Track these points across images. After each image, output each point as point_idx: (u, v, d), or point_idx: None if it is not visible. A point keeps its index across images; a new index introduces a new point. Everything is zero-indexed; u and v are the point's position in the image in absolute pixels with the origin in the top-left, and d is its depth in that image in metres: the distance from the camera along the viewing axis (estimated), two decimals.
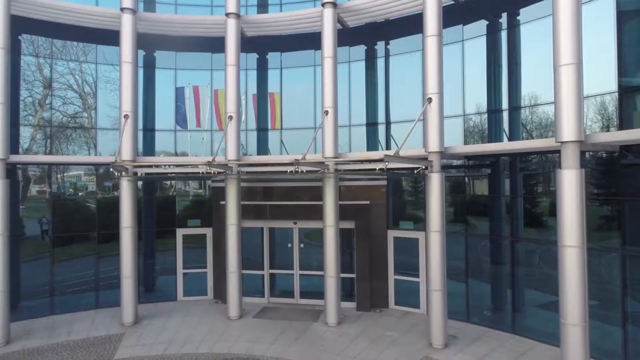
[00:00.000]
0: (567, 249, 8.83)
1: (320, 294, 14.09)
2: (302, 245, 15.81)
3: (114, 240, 14.44)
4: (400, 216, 14.99)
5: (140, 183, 15.76)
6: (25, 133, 15.08)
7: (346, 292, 15.23)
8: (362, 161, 12.49)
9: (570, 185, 8.78)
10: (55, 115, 15.50)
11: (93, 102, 15.96)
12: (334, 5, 13.53)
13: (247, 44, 15.85)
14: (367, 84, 15.90)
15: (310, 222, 15.34)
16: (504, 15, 13.19)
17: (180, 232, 16.46)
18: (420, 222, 14.05)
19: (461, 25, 13.86)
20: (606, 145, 9.64)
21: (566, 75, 8.78)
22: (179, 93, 17.07)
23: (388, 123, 15.21)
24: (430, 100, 11.50)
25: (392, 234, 14.91)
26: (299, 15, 14.54)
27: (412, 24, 14.12)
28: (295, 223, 15.69)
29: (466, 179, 13.83)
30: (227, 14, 14.25)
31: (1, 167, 12.16)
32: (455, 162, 13.87)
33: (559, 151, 9.23)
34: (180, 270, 16.43)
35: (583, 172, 8.84)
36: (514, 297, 12.36)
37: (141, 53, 16.40)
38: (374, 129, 15.50)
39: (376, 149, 15.40)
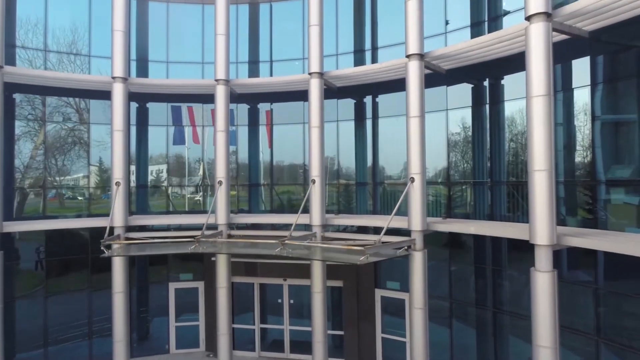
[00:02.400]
0: (540, 349, 9.09)
1: (310, 345, 14.23)
2: (292, 301, 16.13)
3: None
4: (387, 276, 15.25)
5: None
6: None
7: (335, 344, 15.58)
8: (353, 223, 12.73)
9: (543, 287, 9.04)
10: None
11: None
12: (321, 74, 13.79)
13: (238, 97, 16.10)
14: (356, 140, 16.04)
15: (299, 280, 15.62)
16: (487, 79, 13.38)
17: (172, 286, 16.77)
18: (407, 282, 14.28)
19: (445, 86, 14.04)
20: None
21: (539, 180, 9.03)
22: (175, 111, 17.31)
23: (376, 184, 15.46)
24: (412, 179, 11.77)
25: (379, 293, 15.19)
26: (287, 80, 14.82)
27: (398, 83, 14.21)
28: (285, 280, 15.99)
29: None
30: (216, 80, 14.52)
31: None
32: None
33: None
34: (172, 324, 16.74)
35: (556, 274, 9.11)
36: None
37: (134, 105, 16.71)
38: (363, 189, 15.75)
39: (365, 207, 15.65)
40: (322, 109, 13.72)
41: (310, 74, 13.80)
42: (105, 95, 14.92)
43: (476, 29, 13.16)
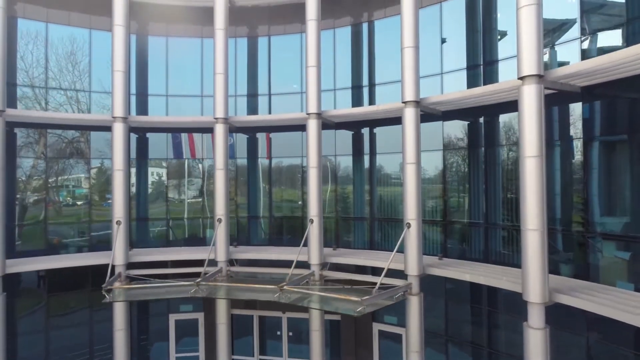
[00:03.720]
0: None
1: None
2: (290, 334, 16.32)
3: None
4: (384, 310, 15.40)
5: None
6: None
7: None
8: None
9: (535, 343, 9.26)
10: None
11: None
12: (319, 115, 13.96)
13: (237, 129, 16.31)
14: (354, 173, 16.21)
15: (298, 313, 15.80)
16: (483, 117, 13.54)
17: (172, 317, 16.94)
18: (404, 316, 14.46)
19: (441, 121, 14.21)
20: None
21: (532, 239, 9.24)
22: (175, 138, 17.48)
23: (373, 219, 15.64)
24: (409, 225, 11.97)
25: (377, 327, 15.37)
26: (285, 118, 15.01)
27: (395, 118, 14.33)
28: (284, 313, 16.18)
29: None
30: (215, 118, 14.68)
31: None
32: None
33: None
34: (173, 354, 16.91)
35: (547, 331, 9.32)
36: None
37: (133, 136, 16.87)
38: (362, 224, 15.93)
39: (364, 240, 15.83)
40: (320, 149, 13.91)
41: (308, 114, 13.97)
42: (105, 127, 15.08)
43: (472, 72, 13.36)
